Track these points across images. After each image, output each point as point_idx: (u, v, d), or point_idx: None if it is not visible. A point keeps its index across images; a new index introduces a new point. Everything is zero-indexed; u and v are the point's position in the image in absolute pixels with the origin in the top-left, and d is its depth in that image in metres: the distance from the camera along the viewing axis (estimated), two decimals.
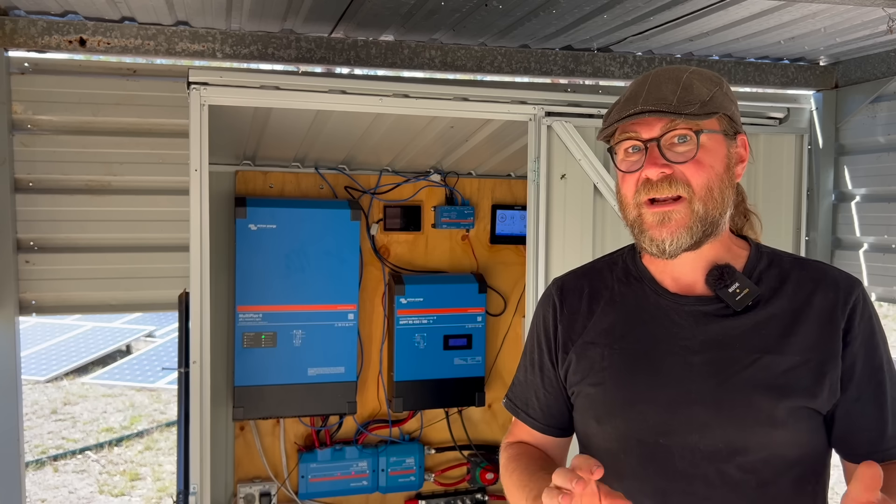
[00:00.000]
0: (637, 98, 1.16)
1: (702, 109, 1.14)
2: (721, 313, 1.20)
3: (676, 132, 1.15)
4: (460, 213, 3.01)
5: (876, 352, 1.19)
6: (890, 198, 2.77)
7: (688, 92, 1.15)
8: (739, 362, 1.16)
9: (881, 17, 2.30)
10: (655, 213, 1.16)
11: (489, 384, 3.10)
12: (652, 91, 1.16)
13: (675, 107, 1.13)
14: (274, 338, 2.71)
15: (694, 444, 1.16)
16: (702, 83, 1.18)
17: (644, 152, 1.17)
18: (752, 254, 1.26)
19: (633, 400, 1.21)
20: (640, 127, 1.17)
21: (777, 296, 1.21)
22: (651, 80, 1.19)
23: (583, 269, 1.39)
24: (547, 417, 1.35)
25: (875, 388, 1.18)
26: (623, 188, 1.21)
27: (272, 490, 2.85)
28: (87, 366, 8.68)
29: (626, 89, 1.22)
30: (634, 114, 1.14)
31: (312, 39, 2.59)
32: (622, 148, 1.20)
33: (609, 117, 1.20)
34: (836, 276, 1.23)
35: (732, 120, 1.20)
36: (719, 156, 1.18)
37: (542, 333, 1.35)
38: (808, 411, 1.15)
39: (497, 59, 2.74)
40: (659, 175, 1.15)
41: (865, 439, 1.18)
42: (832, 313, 1.18)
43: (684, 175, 1.15)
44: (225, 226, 2.73)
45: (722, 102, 1.18)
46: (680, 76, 1.18)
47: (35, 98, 2.55)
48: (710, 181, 1.16)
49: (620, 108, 1.18)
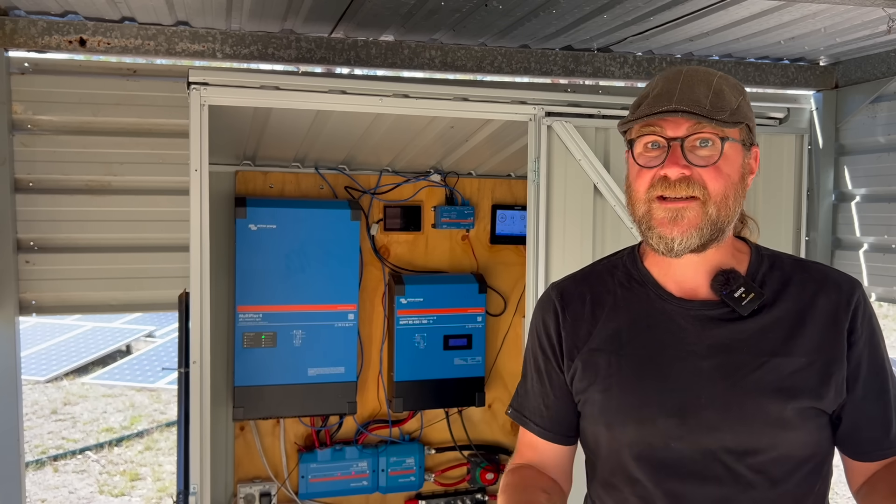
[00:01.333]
0: (671, 95, 1.15)
1: (731, 117, 1.15)
2: (727, 317, 1.20)
3: (702, 135, 1.15)
4: (460, 213, 3.01)
5: (878, 351, 1.22)
6: (890, 198, 2.77)
7: (719, 98, 1.16)
8: (747, 366, 1.17)
9: (881, 17, 2.30)
10: (668, 209, 1.16)
11: (489, 384, 3.10)
12: (685, 91, 1.16)
13: (708, 111, 1.14)
14: (274, 338, 2.71)
15: (705, 446, 1.17)
16: (731, 91, 1.18)
17: (665, 150, 1.16)
18: (753, 257, 1.26)
19: (642, 405, 1.21)
20: (668, 125, 1.16)
21: (781, 299, 1.22)
22: (683, 80, 1.18)
23: (581, 273, 1.38)
24: (554, 425, 1.34)
25: (879, 386, 1.20)
26: (636, 182, 1.20)
27: (272, 490, 2.85)
28: (87, 366, 8.67)
29: (652, 84, 1.21)
30: (668, 111, 1.13)
31: (312, 39, 2.59)
32: (642, 142, 1.19)
33: (639, 110, 1.18)
34: (837, 277, 1.25)
35: (751, 131, 1.21)
36: (736, 165, 1.18)
37: (545, 340, 1.33)
38: (815, 411, 1.17)
39: (497, 60, 2.74)
40: (678, 175, 1.14)
41: (870, 438, 1.20)
42: (836, 315, 1.20)
43: (702, 178, 1.15)
44: (225, 226, 2.73)
45: (746, 113, 1.19)
46: (711, 80, 1.18)
47: (35, 98, 2.55)
48: (726, 189, 1.16)
49: (651, 102, 1.17)
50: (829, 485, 1.24)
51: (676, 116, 1.13)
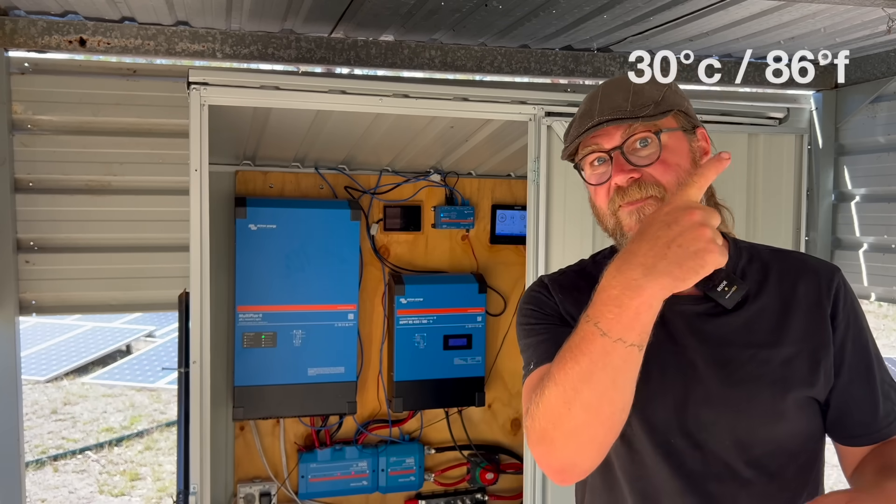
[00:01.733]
0: (592, 112, 1.19)
1: (656, 109, 1.17)
2: (712, 312, 1.21)
3: (636, 136, 1.17)
4: (460, 213, 3.01)
5: (861, 334, 1.22)
6: (890, 198, 2.77)
7: (639, 96, 1.18)
8: (737, 359, 1.18)
9: (881, 17, 2.30)
10: (630, 212, 1.17)
11: (489, 384, 3.10)
12: (605, 102, 1.19)
13: (631, 112, 1.16)
14: (274, 338, 2.71)
15: (703, 442, 1.17)
16: (651, 86, 1.20)
17: (609, 162, 1.19)
18: (731, 250, 1.27)
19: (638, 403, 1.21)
20: (601, 139, 1.19)
21: (763, 290, 1.23)
22: (601, 93, 1.22)
23: (570, 268, 1.39)
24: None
25: (864, 369, 1.21)
26: (597, 201, 1.24)
27: (272, 490, 2.85)
28: (87, 366, 8.67)
29: (578, 108, 1.25)
30: (593, 126, 1.17)
31: (312, 39, 2.59)
32: (587, 162, 1.22)
33: (569, 136, 1.24)
34: (815, 264, 1.27)
35: (688, 115, 1.22)
36: (683, 152, 1.19)
37: (545, 308, 1.28)
38: (807, 400, 1.18)
39: (497, 60, 2.74)
40: (627, 181, 1.16)
41: (859, 421, 1.21)
42: (818, 301, 1.21)
43: (653, 177, 1.16)
44: (225, 226, 2.73)
45: (674, 100, 1.20)
46: (628, 84, 1.21)
47: (35, 98, 2.55)
48: (679, 178, 1.16)
49: (577, 124, 1.22)
50: (822, 472, 1.25)
51: (603, 128, 1.17)
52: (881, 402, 1.21)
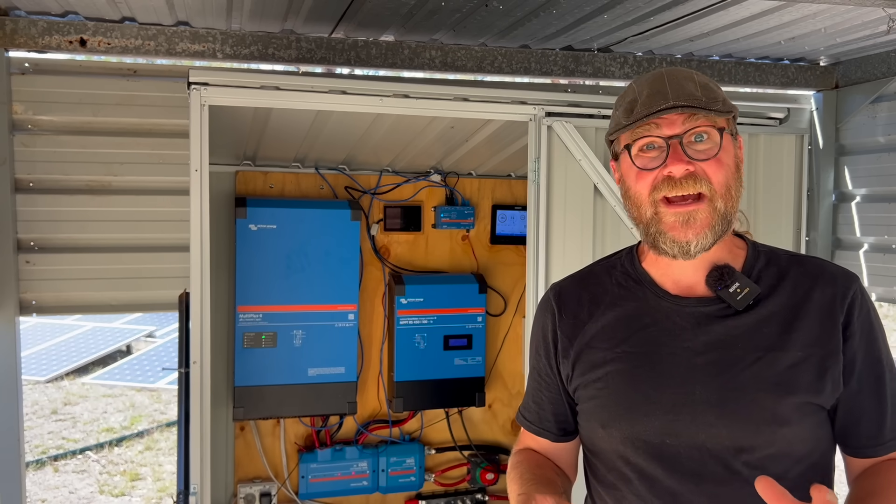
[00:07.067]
0: (665, 94, 1.14)
1: (725, 106, 1.16)
2: (722, 314, 1.20)
3: (697, 129, 1.15)
4: (460, 213, 3.01)
5: (875, 345, 1.20)
6: (890, 198, 2.77)
7: (708, 90, 1.16)
8: (743, 361, 1.17)
9: (881, 17, 2.30)
10: (678, 214, 1.15)
11: (489, 384, 3.10)
12: (676, 88, 1.15)
13: (706, 103, 1.14)
14: (274, 338, 2.71)
15: (701, 443, 1.17)
16: (713, 84, 1.19)
17: (664, 150, 1.15)
18: (749, 253, 1.26)
19: (637, 403, 1.21)
20: (662, 124, 1.15)
21: (776, 293, 1.21)
22: (669, 79, 1.17)
23: (581, 273, 1.38)
24: (543, 421, 1.36)
25: (874, 381, 1.19)
26: (637, 186, 1.19)
27: (272, 490, 2.85)
28: (87, 366, 8.68)
29: (637, 89, 1.19)
30: (668, 108, 1.13)
31: (313, 40, 2.59)
32: (638, 145, 1.18)
33: (635, 112, 1.16)
34: (834, 271, 1.24)
35: (736, 122, 1.22)
36: (731, 155, 1.19)
37: (540, 340, 1.35)
38: (812, 407, 1.17)
39: (497, 60, 2.74)
40: (684, 172, 1.14)
41: (865, 432, 1.19)
42: (831, 308, 1.19)
43: (705, 172, 1.14)
44: (225, 226, 2.73)
45: (731, 104, 1.19)
46: (693, 76, 1.18)
47: (35, 98, 2.56)
48: (728, 179, 1.16)
49: (647, 103, 1.15)
50: (831, 483, 1.23)
51: (676, 112, 1.13)
52: (889, 415, 1.19)
